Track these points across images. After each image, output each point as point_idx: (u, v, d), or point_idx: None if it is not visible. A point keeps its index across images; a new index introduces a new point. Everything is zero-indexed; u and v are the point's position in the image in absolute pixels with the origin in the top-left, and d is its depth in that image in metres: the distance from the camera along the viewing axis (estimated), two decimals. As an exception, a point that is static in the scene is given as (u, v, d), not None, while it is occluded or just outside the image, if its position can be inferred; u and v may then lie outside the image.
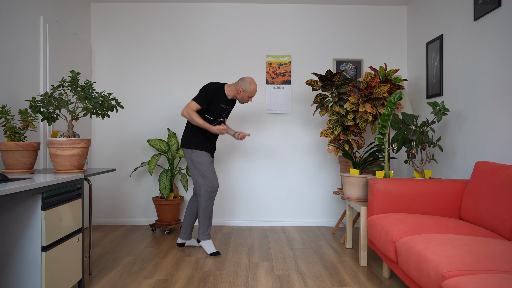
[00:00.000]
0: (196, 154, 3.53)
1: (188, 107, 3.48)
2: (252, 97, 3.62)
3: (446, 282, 1.70)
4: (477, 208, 2.68)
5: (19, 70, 3.32)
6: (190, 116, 3.47)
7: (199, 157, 3.53)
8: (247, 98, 3.62)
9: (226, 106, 3.63)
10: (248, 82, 3.57)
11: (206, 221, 3.56)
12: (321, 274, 3.06)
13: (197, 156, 3.53)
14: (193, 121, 3.47)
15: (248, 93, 3.58)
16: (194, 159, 3.54)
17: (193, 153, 3.54)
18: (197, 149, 3.54)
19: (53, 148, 2.68)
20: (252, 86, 3.58)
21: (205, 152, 3.56)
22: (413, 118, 3.45)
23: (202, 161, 3.53)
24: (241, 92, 3.58)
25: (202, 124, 3.46)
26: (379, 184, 3.04)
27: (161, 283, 2.86)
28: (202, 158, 3.53)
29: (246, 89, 3.57)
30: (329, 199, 4.80)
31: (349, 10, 4.79)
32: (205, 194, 3.52)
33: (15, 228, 2.20)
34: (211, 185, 3.51)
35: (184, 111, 3.48)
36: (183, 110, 3.48)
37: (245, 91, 3.57)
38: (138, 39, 4.76)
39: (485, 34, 3.19)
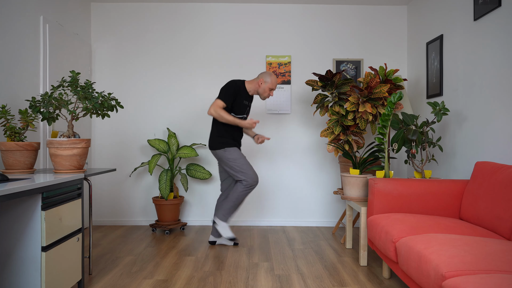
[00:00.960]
0: (229, 152, 3.56)
1: (215, 105, 3.49)
2: (273, 91, 3.66)
3: (446, 282, 1.70)
4: (477, 208, 2.68)
5: (19, 70, 3.32)
6: (218, 114, 3.48)
7: (233, 154, 3.55)
8: (268, 90, 3.65)
9: (248, 102, 3.69)
10: (268, 73, 3.65)
11: (234, 207, 3.59)
12: (321, 274, 3.06)
13: (230, 153, 3.55)
14: (222, 118, 3.48)
15: (269, 84, 3.63)
16: (228, 157, 3.55)
17: (226, 152, 3.56)
18: (228, 147, 3.57)
19: (53, 148, 2.68)
20: (272, 77, 3.65)
21: (236, 148, 3.60)
22: (413, 118, 3.45)
23: (236, 156, 3.56)
24: (262, 84, 3.62)
25: (232, 120, 3.49)
26: (379, 184, 3.04)
27: (161, 283, 2.86)
28: (236, 154, 3.56)
29: (267, 80, 3.62)
30: (329, 199, 4.80)
31: (349, 10, 4.79)
32: (246, 184, 3.53)
33: (15, 228, 2.20)
34: (253, 178, 3.53)
35: (211, 110, 3.49)
36: (210, 109, 3.49)
37: (266, 82, 3.62)
38: (138, 39, 4.76)
39: (485, 34, 3.19)
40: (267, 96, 3.69)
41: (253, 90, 3.68)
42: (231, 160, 3.55)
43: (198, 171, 4.49)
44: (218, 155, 3.60)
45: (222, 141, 3.58)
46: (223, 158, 3.58)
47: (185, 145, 4.58)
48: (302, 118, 4.78)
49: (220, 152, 3.58)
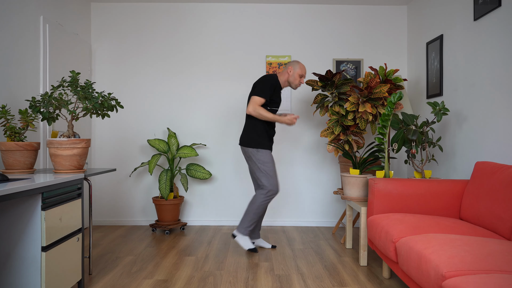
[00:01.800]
0: (262, 153, 3.45)
1: (253, 103, 3.39)
2: (304, 78, 3.61)
3: (446, 282, 1.70)
4: (477, 208, 2.68)
5: (19, 70, 3.32)
6: (258, 112, 3.38)
7: (265, 157, 3.45)
8: (299, 77, 3.57)
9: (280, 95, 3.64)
10: (295, 61, 3.60)
11: (255, 218, 3.47)
12: (321, 274, 3.06)
13: (263, 155, 3.45)
14: (261, 116, 3.39)
15: (298, 71, 3.55)
16: (260, 158, 3.45)
17: (259, 152, 3.45)
18: (263, 148, 3.46)
19: (53, 148, 2.68)
20: (300, 63, 3.59)
21: (269, 151, 3.51)
22: (413, 118, 3.45)
23: (268, 160, 3.46)
24: (291, 72, 3.55)
25: (272, 117, 3.40)
26: (379, 184, 3.04)
27: (161, 283, 2.86)
28: (268, 158, 3.46)
29: (295, 66, 3.56)
30: (329, 199, 4.80)
31: (349, 10, 4.79)
32: (266, 193, 3.44)
33: (15, 228, 2.20)
34: (275, 187, 3.45)
35: (250, 109, 3.39)
36: (248, 108, 3.40)
37: (295, 69, 3.55)
38: (138, 39, 4.76)
39: (485, 34, 3.19)
40: (298, 84, 3.59)
41: (283, 81, 3.59)
42: (261, 162, 3.45)
43: (198, 171, 4.49)
44: (249, 153, 3.48)
45: (259, 141, 3.46)
46: (253, 158, 3.47)
47: (185, 145, 4.58)
48: (302, 118, 4.78)
49: (252, 151, 3.47)
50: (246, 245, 3.49)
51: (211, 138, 4.77)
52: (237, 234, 3.51)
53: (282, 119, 3.42)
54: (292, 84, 3.61)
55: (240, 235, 3.50)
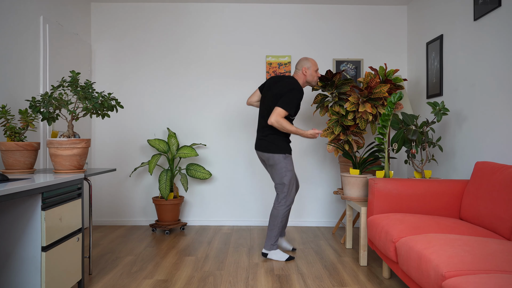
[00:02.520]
0: (289, 160, 3.33)
1: (277, 115, 3.22)
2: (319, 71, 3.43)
3: (446, 282, 1.70)
4: (477, 208, 2.68)
5: (19, 70, 3.32)
6: (281, 125, 3.22)
7: (291, 164, 3.34)
8: (315, 72, 3.44)
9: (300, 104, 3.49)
10: (304, 59, 3.45)
11: (278, 230, 3.36)
12: (321, 274, 3.06)
13: (289, 162, 3.33)
14: (284, 129, 3.23)
15: (312, 67, 3.42)
16: (286, 166, 3.31)
17: (286, 158, 3.32)
18: (290, 154, 3.35)
19: (53, 148, 2.68)
20: (310, 59, 3.45)
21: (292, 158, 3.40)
22: (413, 118, 3.45)
23: (291, 168, 3.35)
24: (307, 72, 3.41)
25: (295, 130, 3.24)
26: (379, 184, 3.04)
27: (161, 283, 2.86)
28: (292, 165, 3.36)
29: (308, 64, 3.42)
30: (329, 199, 4.80)
31: (349, 10, 4.79)
32: (286, 204, 3.35)
33: (15, 228, 2.20)
34: (294, 196, 3.37)
35: (273, 120, 3.22)
36: (270, 118, 3.23)
37: (309, 68, 3.42)
38: (138, 39, 4.76)
39: (485, 34, 3.19)
40: (317, 79, 3.48)
41: (301, 83, 3.44)
42: (286, 170, 3.31)
43: (198, 171, 4.49)
44: (275, 159, 3.31)
45: (285, 147, 3.32)
46: (280, 164, 3.31)
47: (185, 145, 4.58)
48: (302, 118, 4.78)
49: (279, 157, 3.30)
50: (282, 257, 3.36)
51: (211, 138, 4.77)
52: (268, 252, 3.40)
53: (305, 133, 3.27)
54: (312, 82, 3.47)
55: (270, 252, 3.40)
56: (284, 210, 3.35)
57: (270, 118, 3.23)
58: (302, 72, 3.44)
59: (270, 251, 3.39)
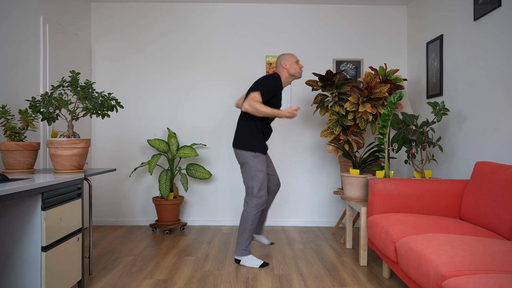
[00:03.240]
0: (259, 159, 3.20)
1: (251, 99, 3.10)
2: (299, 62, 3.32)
3: (446, 282, 1.70)
4: (477, 208, 2.68)
5: (19, 70, 3.32)
6: (254, 108, 3.08)
7: (261, 164, 3.21)
8: (296, 64, 3.34)
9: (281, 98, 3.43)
10: (281, 54, 3.38)
11: (250, 234, 3.24)
12: (321, 274, 3.06)
13: (259, 162, 3.20)
14: (259, 112, 3.08)
15: (291, 59, 3.33)
16: (256, 165, 3.19)
17: (257, 158, 3.20)
18: (260, 153, 3.21)
19: (53, 148, 2.68)
20: (287, 53, 3.37)
21: (265, 157, 3.26)
22: (413, 118, 3.45)
23: (262, 168, 3.21)
24: (287, 65, 3.32)
25: (270, 112, 3.09)
26: (379, 184, 3.04)
27: (161, 283, 2.86)
28: (263, 165, 3.22)
29: (286, 58, 3.34)
30: (329, 199, 4.80)
31: (349, 10, 4.79)
32: (255, 205, 3.21)
33: (15, 228, 2.20)
34: (264, 197, 3.23)
35: (246, 105, 3.10)
36: (244, 105, 3.12)
37: (287, 61, 3.33)
38: (138, 39, 4.76)
39: (485, 34, 3.19)
40: (300, 70, 3.35)
41: (285, 78, 3.35)
42: (255, 170, 3.19)
43: (198, 171, 4.49)
44: (244, 157, 3.21)
45: (256, 145, 3.20)
46: (249, 163, 3.20)
47: (185, 145, 4.58)
48: (302, 118, 4.78)
49: (248, 154, 3.20)
50: (256, 264, 3.23)
51: (211, 138, 4.77)
52: (240, 258, 3.26)
53: (282, 112, 3.11)
54: (295, 74, 3.35)
55: (243, 257, 3.25)
56: (254, 212, 3.20)
57: (244, 104, 3.13)
58: (282, 67, 3.33)
59: (242, 257, 3.25)
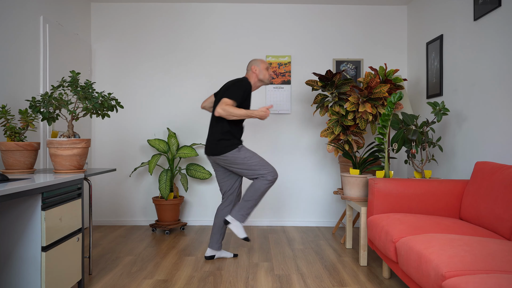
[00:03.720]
0: (243, 150, 3.23)
1: (222, 103, 3.15)
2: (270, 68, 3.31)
3: (446, 282, 1.70)
4: (477, 208, 2.68)
5: (19, 70, 3.32)
6: (228, 112, 3.12)
7: (247, 151, 3.24)
8: (266, 70, 3.39)
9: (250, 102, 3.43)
10: (252, 59, 3.42)
11: (253, 203, 3.22)
12: (321, 274, 3.06)
13: (245, 151, 3.23)
14: (233, 114, 3.13)
15: (262, 65, 3.37)
16: (245, 156, 3.21)
17: (241, 150, 3.22)
18: (240, 145, 3.26)
19: (53, 148, 2.68)
20: (259, 58, 3.39)
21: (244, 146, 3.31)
22: (413, 118, 3.45)
23: (251, 153, 3.24)
24: (256, 69, 3.36)
25: (244, 113, 3.15)
26: (379, 184, 3.04)
27: (161, 283, 2.86)
28: (250, 151, 3.26)
29: (257, 63, 3.38)
30: (329, 199, 4.80)
31: (349, 10, 4.79)
32: (270, 180, 3.19)
33: (15, 228, 2.20)
34: (275, 171, 3.22)
35: (219, 110, 3.13)
36: (217, 109, 3.13)
37: (258, 65, 3.37)
38: (138, 39, 4.76)
39: (485, 34, 3.19)
40: (270, 77, 3.41)
41: (254, 82, 3.40)
42: (248, 158, 3.21)
43: (198, 171, 4.49)
44: (229, 158, 3.22)
45: (229, 144, 3.24)
46: (237, 160, 3.21)
47: (185, 145, 4.58)
48: (302, 118, 4.78)
49: (231, 154, 3.22)
50: (241, 234, 3.22)
51: (211, 138, 4.77)
52: (232, 221, 3.23)
53: (254, 112, 3.16)
54: (264, 79, 3.39)
55: (236, 222, 3.22)
56: (267, 185, 3.21)
57: (216, 109, 3.15)
58: (252, 71, 3.37)
59: (235, 221, 3.22)
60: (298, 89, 4.79)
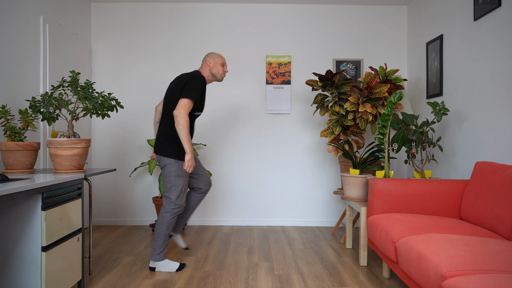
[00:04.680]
0: (179, 165, 3.05)
1: (183, 107, 2.93)
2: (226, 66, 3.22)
3: (446, 282, 1.70)
4: (477, 208, 2.68)
5: (19, 70, 3.32)
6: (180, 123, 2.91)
7: (183, 170, 3.07)
8: (221, 66, 3.19)
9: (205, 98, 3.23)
10: (211, 52, 3.23)
11: (166, 238, 3.10)
12: (321, 274, 3.06)
13: (180, 168, 3.06)
14: (180, 128, 2.91)
15: (218, 59, 3.18)
16: (176, 170, 3.03)
17: (177, 163, 3.04)
18: (182, 160, 3.06)
19: (53, 148, 2.68)
20: (216, 53, 3.23)
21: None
22: (413, 118, 3.45)
23: (183, 174, 3.06)
24: (211, 63, 3.17)
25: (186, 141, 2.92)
26: (379, 184, 3.04)
27: (161, 283, 2.86)
28: (184, 171, 3.07)
29: (214, 57, 3.18)
30: (329, 199, 4.80)
31: (349, 10, 4.79)
32: (173, 210, 3.06)
33: (15, 228, 2.20)
34: (182, 204, 3.10)
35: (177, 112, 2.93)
36: (179, 109, 2.92)
37: (214, 59, 3.17)
38: (138, 39, 4.76)
39: (485, 34, 3.19)
40: (223, 74, 3.21)
41: (207, 76, 3.19)
42: (176, 175, 3.04)
43: (198, 171, 4.49)
44: (165, 163, 3.05)
45: (178, 150, 3.05)
46: (169, 169, 3.04)
47: (185, 145, 4.58)
48: (302, 118, 4.78)
49: (170, 161, 3.04)
50: (173, 267, 3.11)
51: (211, 138, 4.77)
52: (155, 265, 3.10)
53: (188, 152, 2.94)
54: (217, 75, 3.19)
55: (158, 263, 3.10)
56: (170, 217, 3.07)
57: (176, 109, 2.93)
58: (206, 63, 3.18)
59: (157, 263, 3.09)
60: (298, 89, 4.79)
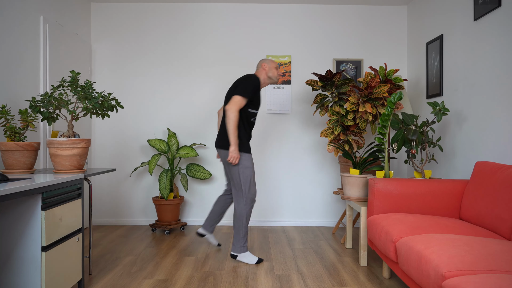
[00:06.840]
0: (245, 157, 3.25)
1: (234, 103, 3.18)
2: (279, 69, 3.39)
3: (446, 282, 1.70)
4: (477, 208, 2.68)
5: (19, 70, 3.32)
6: (231, 117, 3.17)
7: (248, 161, 3.26)
8: (276, 69, 3.44)
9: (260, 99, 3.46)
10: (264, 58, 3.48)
11: (244, 230, 3.31)
12: (321, 274, 3.06)
13: (246, 159, 3.26)
14: (230, 122, 3.16)
15: (271, 64, 3.43)
16: (242, 162, 3.24)
17: (242, 156, 3.25)
18: (246, 152, 3.26)
19: (53, 148, 2.68)
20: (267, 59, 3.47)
21: (251, 156, 3.30)
22: (413, 118, 3.45)
23: (250, 165, 3.27)
24: (267, 67, 3.41)
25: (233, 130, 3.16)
26: (379, 184, 3.04)
27: (161, 283, 2.86)
28: (251, 162, 3.28)
29: (267, 62, 3.43)
30: (329, 199, 4.80)
31: (349, 10, 4.79)
32: (247, 202, 3.27)
33: (15, 228, 2.20)
34: (255, 194, 3.31)
35: (228, 107, 3.17)
36: (230, 105, 3.16)
37: (269, 64, 3.42)
38: (138, 39, 4.76)
39: (485, 34, 3.19)
40: (278, 75, 3.46)
41: (263, 79, 3.43)
42: (242, 167, 3.25)
43: (198, 171, 4.49)
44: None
45: (242, 144, 3.27)
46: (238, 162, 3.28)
47: (185, 145, 4.58)
48: (302, 118, 4.78)
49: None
50: (252, 260, 3.31)
51: (211, 138, 4.77)
52: (237, 254, 3.35)
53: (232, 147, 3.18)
54: (273, 78, 3.44)
55: (240, 254, 3.34)
56: (247, 210, 3.28)
57: (228, 104, 3.19)
58: (262, 68, 3.43)
59: (239, 254, 3.34)
60: (298, 89, 4.79)
